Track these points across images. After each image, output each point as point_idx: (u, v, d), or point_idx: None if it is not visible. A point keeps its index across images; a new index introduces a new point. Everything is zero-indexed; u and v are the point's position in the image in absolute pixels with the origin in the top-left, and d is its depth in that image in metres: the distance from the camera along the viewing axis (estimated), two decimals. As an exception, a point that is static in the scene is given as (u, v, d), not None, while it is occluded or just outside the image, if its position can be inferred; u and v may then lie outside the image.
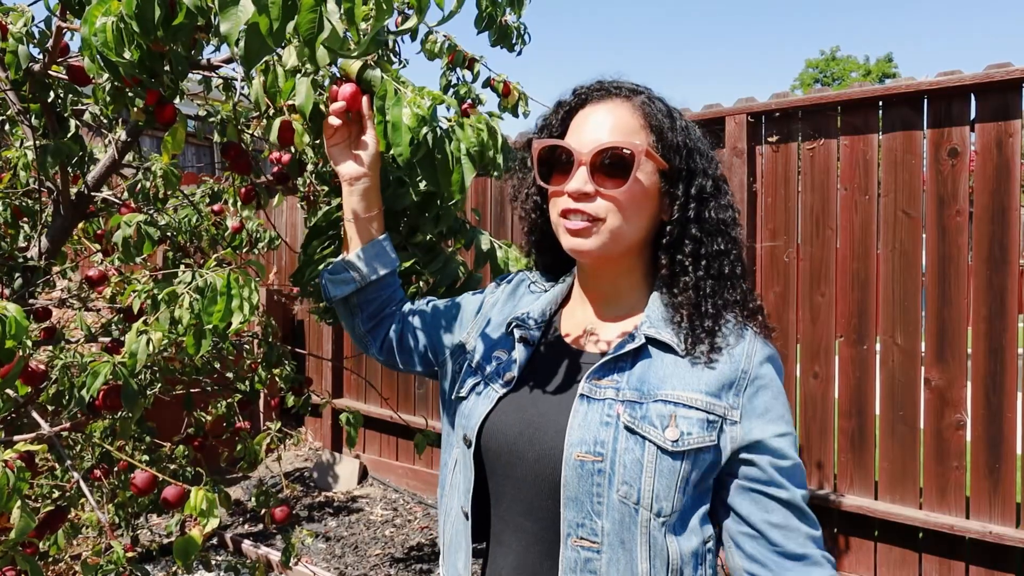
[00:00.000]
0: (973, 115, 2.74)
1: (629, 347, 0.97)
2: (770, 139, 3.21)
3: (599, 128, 0.98)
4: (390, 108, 0.99)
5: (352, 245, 1.17)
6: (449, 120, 1.04)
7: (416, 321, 1.20)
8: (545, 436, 0.97)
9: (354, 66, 1.07)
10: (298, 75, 1.09)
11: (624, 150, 0.95)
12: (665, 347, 0.97)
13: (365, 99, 1.08)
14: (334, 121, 1.07)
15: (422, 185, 1.28)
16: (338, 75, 1.11)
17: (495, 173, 1.08)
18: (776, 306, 3.18)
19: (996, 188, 2.68)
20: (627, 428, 0.92)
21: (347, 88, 1.06)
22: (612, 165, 0.95)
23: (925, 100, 2.83)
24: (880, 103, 2.93)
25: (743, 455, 0.94)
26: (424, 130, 0.97)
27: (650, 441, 0.91)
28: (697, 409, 0.93)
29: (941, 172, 2.80)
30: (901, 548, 2.92)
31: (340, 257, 1.19)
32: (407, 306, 1.24)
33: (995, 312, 2.69)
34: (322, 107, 1.12)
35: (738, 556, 0.97)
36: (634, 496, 0.91)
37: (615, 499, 0.91)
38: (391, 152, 1.01)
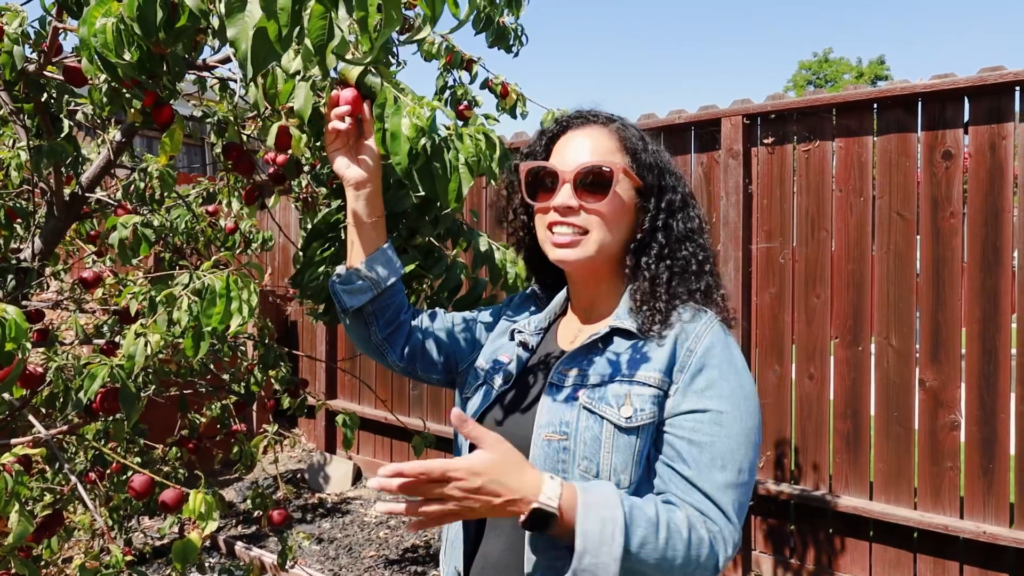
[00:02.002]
0: (967, 118, 2.75)
1: (594, 338, 1.07)
2: (765, 141, 3.22)
3: (580, 150, 1.09)
4: (389, 117, 0.99)
5: (358, 252, 1.17)
6: (448, 128, 1.03)
7: (438, 331, 1.26)
8: (521, 421, 1.08)
9: (354, 71, 1.06)
10: (297, 78, 1.08)
11: (604, 168, 1.06)
12: (627, 334, 1.07)
13: (366, 104, 1.08)
14: (338, 126, 1.07)
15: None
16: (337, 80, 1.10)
17: (493, 181, 1.09)
18: (771, 307, 3.19)
19: (989, 190, 2.70)
20: (586, 408, 1.01)
21: (348, 93, 1.05)
22: (593, 182, 1.06)
23: (919, 103, 2.85)
24: (874, 105, 2.95)
25: (666, 426, 1.00)
26: (423, 141, 0.97)
27: (607, 420, 1.00)
28: (650, 386, 1.00)
29: (935, 174, 2.82)
30: (896, 548, 2.93)
31: (345, 266, 1.19)
32: (423, 316, 1.28)
33: (988, 313, 2.70)
34: (322, 109, 1.11)
35: None
36: (594, 470, 0.98)
37: (577, 474, 0.99)
38: (389, 161, 1.01)
